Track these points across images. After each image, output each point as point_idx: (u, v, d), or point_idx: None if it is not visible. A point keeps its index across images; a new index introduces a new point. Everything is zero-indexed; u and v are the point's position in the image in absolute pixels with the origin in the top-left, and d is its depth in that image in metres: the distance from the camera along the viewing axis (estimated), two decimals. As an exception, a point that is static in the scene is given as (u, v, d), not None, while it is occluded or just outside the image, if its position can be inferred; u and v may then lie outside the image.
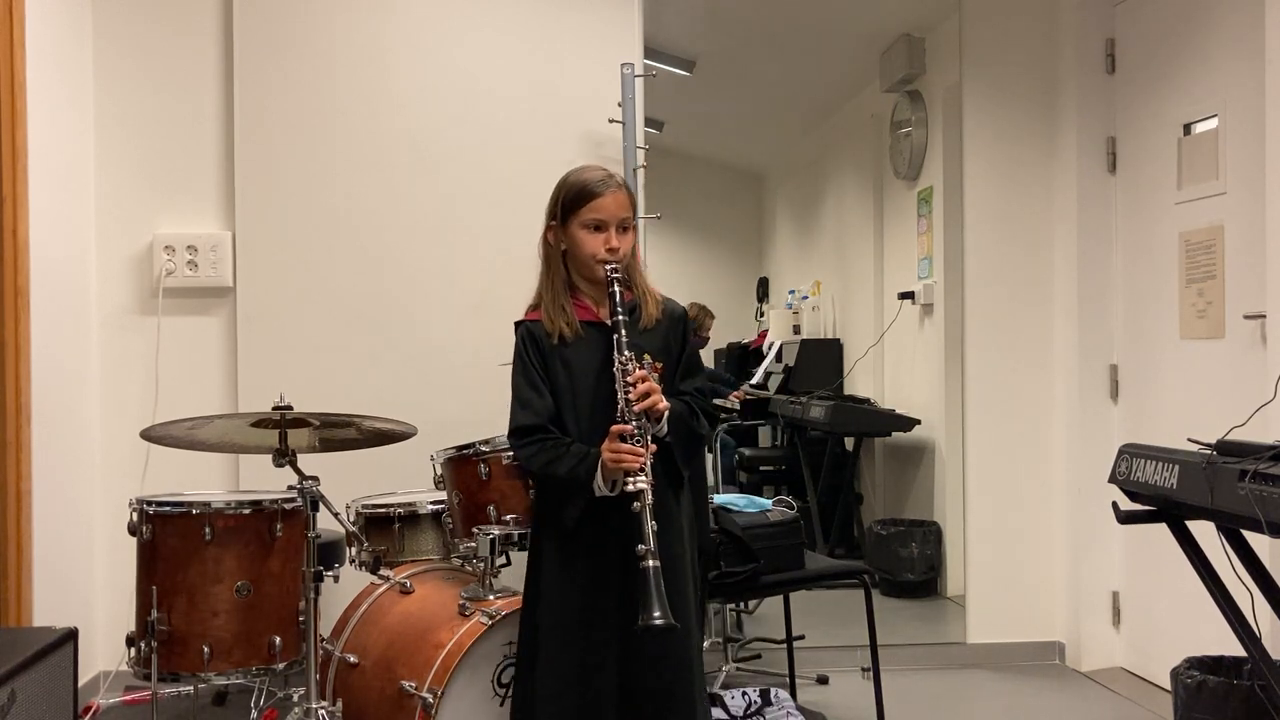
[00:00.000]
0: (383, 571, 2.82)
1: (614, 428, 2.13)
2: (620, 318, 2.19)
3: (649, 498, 2.06)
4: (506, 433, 2.32)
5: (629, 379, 2.14)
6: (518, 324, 2.35)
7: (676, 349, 2.34)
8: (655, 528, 2.04)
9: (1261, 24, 3.00)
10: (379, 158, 3.72)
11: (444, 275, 3.72)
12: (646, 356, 2.23)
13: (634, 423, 2.12)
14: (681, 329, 2.37)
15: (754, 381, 6.73)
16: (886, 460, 5.68)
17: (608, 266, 2.23)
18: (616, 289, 2.21)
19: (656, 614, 1.96)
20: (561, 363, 2.26)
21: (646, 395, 2.15)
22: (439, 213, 3.73)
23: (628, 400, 2.13)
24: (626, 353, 2.16)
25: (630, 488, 2.08)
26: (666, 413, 2.20)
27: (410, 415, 2.75)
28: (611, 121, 3.65)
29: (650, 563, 2.00)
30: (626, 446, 2.11)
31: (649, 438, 2.14)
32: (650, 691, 2.21)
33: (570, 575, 2.24)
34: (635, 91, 3.64)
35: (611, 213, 2.25)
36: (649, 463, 2.10)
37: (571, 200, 2.27)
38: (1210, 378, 3.36)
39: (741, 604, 4.14)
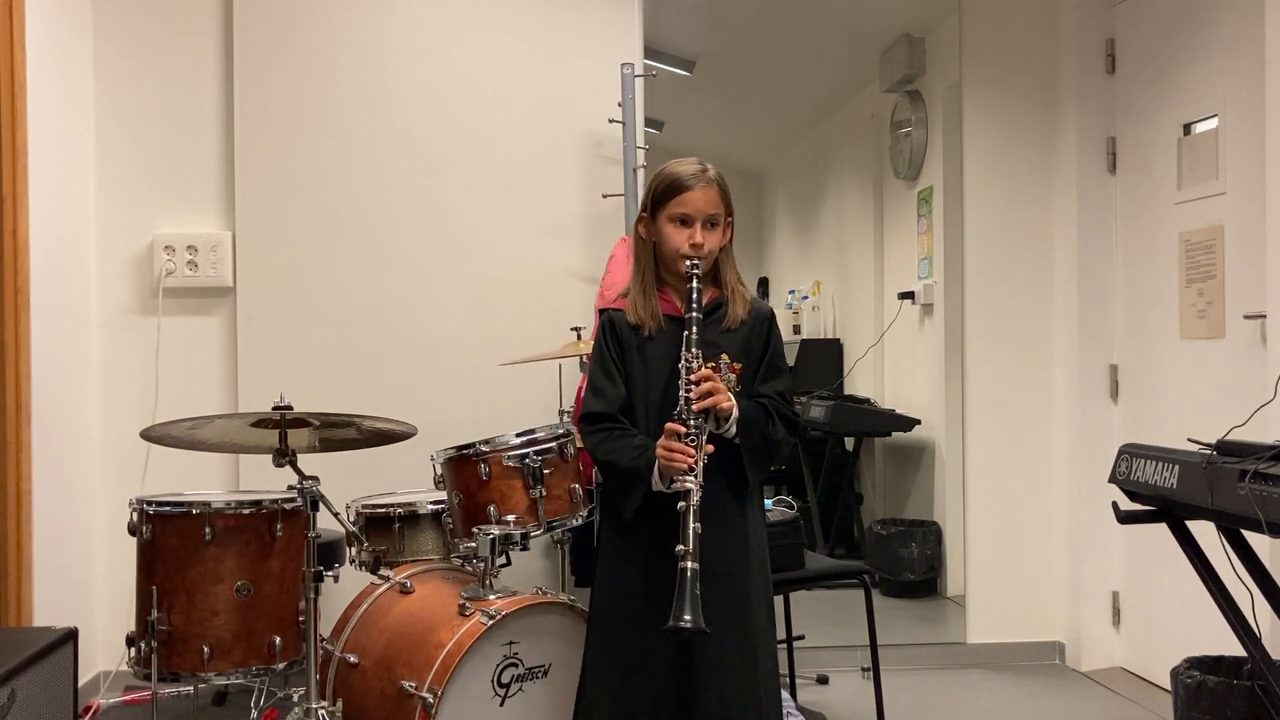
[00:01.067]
0: (383, 571, 2.81)
1: (669, 425, 2.11)
2: (694, 314, 2.17)
3: (694, 499, 2.03)
4: (579, 417, 2.32)
5: (691, 377, 2.12)
6: (601, 311, 2.35)
7: (758, 350, 2.30)
8: (699, 530, 2.01)
9: (1261, 24, 3.01)
10: (379, 158, 3.72)
11: (444, 275, 3.72)
12: (724, 357, 2.21)
13: (691, 421, 2.10)
14: (766, 330, 2.32)
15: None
16: (886, 460, 5.68)
17: (689, 262, 2.21)
18: (695, 285, 2.19)
19: (687, 617, 1.93)
20: (639, 354, 2.25)
21: (706, 394, 2.12)
22: (439, 212, 3.73)
23: (686, 398, 2.12)
24: (694, 350, 2.14)
25: (676, 486, 2.06)
26: (734, 414, 2.17)
27: (410, 415, 2.75)
28: (611, 121, 3.65)
29: (688, 564, 1.97)
30: (679, 445, 2.08)
31: (704, 438, 2.11)
32: (708, 702, 2.16)
33: (625, 569, 2.23)
34: (635, 91, 3.64)
35: (698, 208, 2.23)
36: (701, 463, 2.07)
37: (661, 193, 2.25)
38: (1210, 378, 3.36)
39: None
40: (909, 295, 5.23)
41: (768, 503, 3.16)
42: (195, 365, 3.67)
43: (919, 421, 5.11)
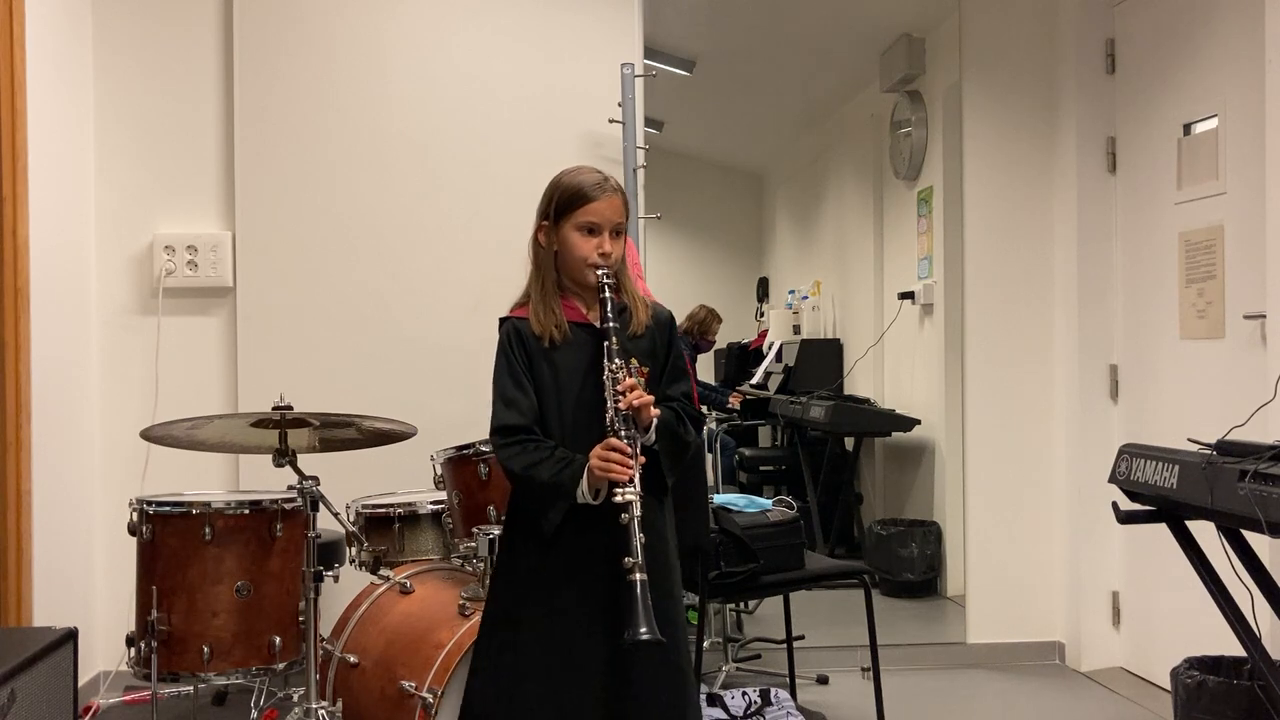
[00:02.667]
0: (383, 571, 2.82)
1: (609, 439, 2.08)
2: (612, 324, 2.15)
3: (638, 510, 2.01)
4: (490, 431, 2.24)
5: (619, 387, 2.10)
6: (502, 320, 2.30)
7: (663, 354, 2.30)
8: (643, 540, 1.99)
9: (1261, 24, 3.00)
10: (379, 158, 3.72)
11: (444, 275, 3.72)
12: (633, 361, 2.19)
13: (624, 432, 2.08)
14: (669, 334, 2.32)
15: (754, 381, 6.74)
16: (886, 460, 5.69)
17: (600, 271, 2.19)
18: (608, 295, 2.17)
19: (643, 629, 1.92)
20: (548, 363, 2.22)
21: (638, 401, 2.09)
22: (439, 212, 3.73)
23: (617, 409, 2.09)
24: (618, 360, 2.12)
25: (618, 499, 2.03)
26: (653, 422, 2.16)
27: (410, 415, 2.75)
28: (611, 121, 3.65)
29: (638, 576, 1.96)
30: (616, 456, 2.05)
31: (638, 448, 2.09)
32: (645, 701, 2.15)
33: (548, 583, 2.17)
34: (635, 91, 3.64)
35: (606, 217, 2.21)
36: (638, 474, 2.06)
37: (565, 202, 2.24)
38: (1210, 378, 3.36)
39: (741, 604, 4.14)
40: (909, 295, 5.24)
41: (768, 503, 3.17)
42: (195, 365, 3.67)
43: (919, 421, 5.12)
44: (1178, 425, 3.17)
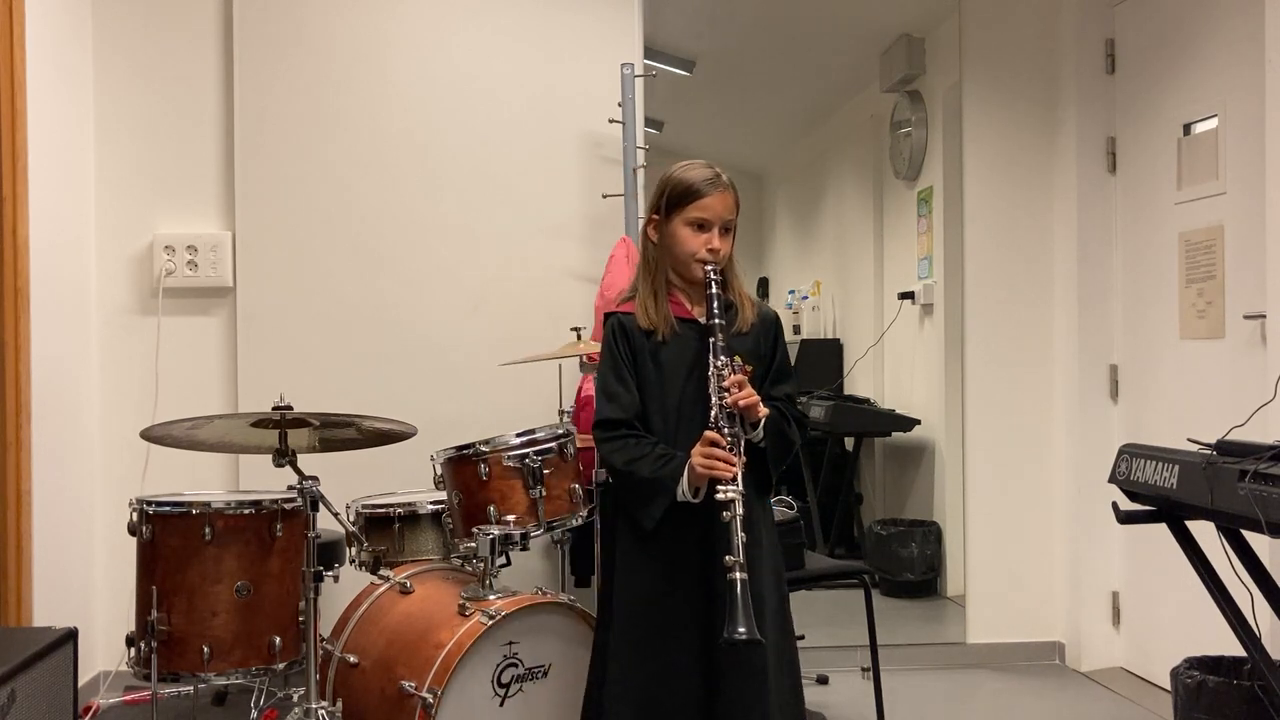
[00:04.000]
0: (383, 571, 2.82)
1: (708, 434, 2.08)
2: (718, 321, 2.14)
3: (739, 508, 2.00)
4: (593, 424, 2.26)
5: (724, 384, 2.10)
6: (607, 315, 2.30)
7: (768, 354, 2.29)
8: (745, 539, 1.98)
9: (1261, 24, 3.00)
10: (379, 158, 3.72)
11: (444, 275, 3.72)
12: (738, 359, 2.18)
13: (727, 430, 2.07)
14: (774, 334, 2.32)
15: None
16: (886, 460, 5.68)
17: (708, 267, 2.18)
18: (716, 291, 2.16)
19: (741, 629, 1.91)
20: (653, 359, 2.22)
21: (745, 399, 2.09)
22: (439, 212, 3.73)
23: (722, 406, 2.08)
24: (723, 358, 2.12)
25: (720, 497, 2.02)
26: (763, 419, 2.15)
27: (410, 415, 2.75)
28: (611, 121, 3.65)
29: (738, 575, 1.95)
30: (720, 453, 2.05)
31: (741, 446, 2.09)
32: (730, 702, 2.14)
33: (648, 580, 2.19)
34: (635, 91, 3.64)
35: (717, 213, 2.21)
36: (740, 472, 2.05)
37: (677, 196, 2.23)
38: (1210, 378, 3.36)
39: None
40: (909, 295, 5.24)
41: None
42: (195, 365, 3.67)
43: (919, 421, 5.12)
44: (1178, 425, 3.17)
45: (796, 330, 6.93)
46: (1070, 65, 3.93)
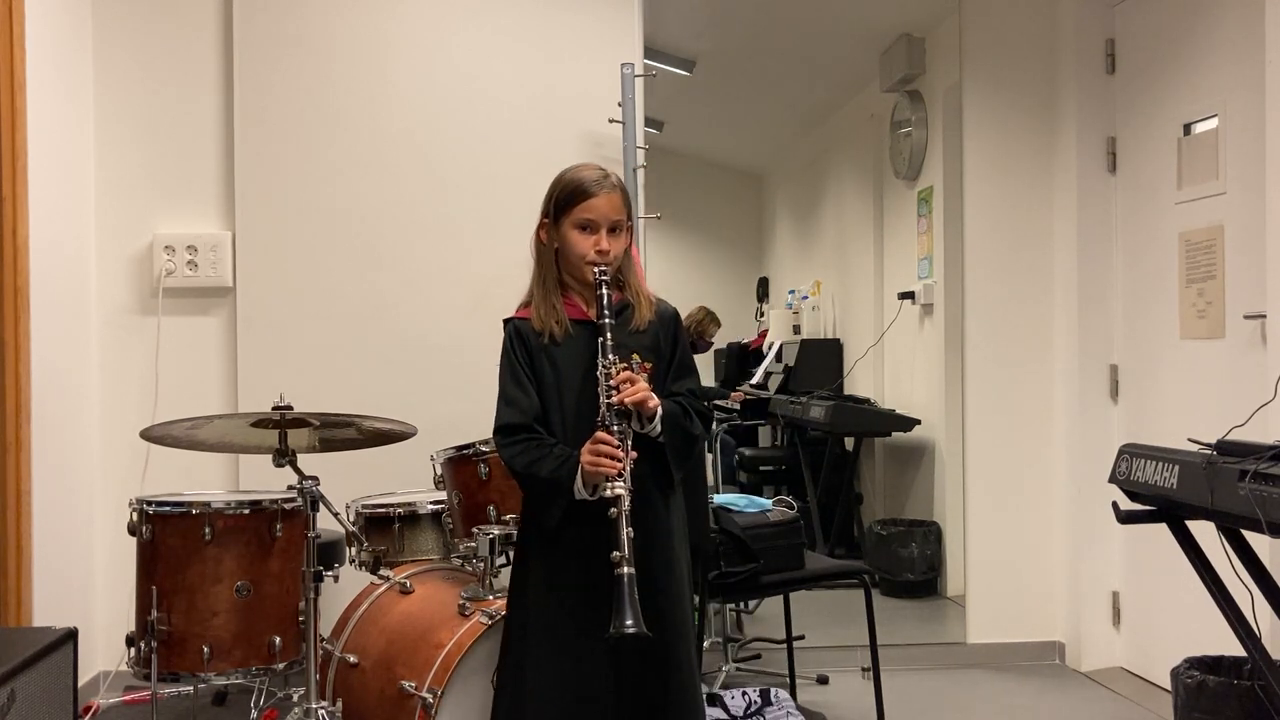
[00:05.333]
0: (383, 571, 2.82)
1: (596, 433, 2.10)
2: (607, 321, 2.16)
3: (626, 505, 2.02)
4: (493, 430, 2.27)
5: (611, 382, 2.11)
6: (506, 321, 2.32)
7: (668, 350, 2.31)
8: (632, 535, 2.00)
9: (1261, 24, 3.00)
10: (379, 158, 3.72)
11: (444, 275, 3.72)
12: (635, 356, 2.20)
13: (614, 426, 2.09)
14: (673, 330, 2.33)
15: (754, 381, 6.73)
16: (886, 460, 5.68)
17: (596, 269, 2.20)
18: (605, 292, 2.18)
19: (629, 622, 1.93)
20: (549, 361, 2.23)
21: (631, 395, 2.10)
22: (439, 212, 3.73)
23: (609, 404, 2.10)
24: (611, 356, 2.13)
25: (607, 493, 2.04)
26: (658, 413, 2.17)
27: (410, 415, 2.75)
28: (611, 121, 3.65)
29: (625, 570, 1.97)
30: (606, 450, 2.07)
31: (629, 443, 2.10)
32: (650, 697, 2.18)
33: (554, 579, 2.20)
34: (635, 91, 3.64)
35: (603, 214, 2.22)
36: (628, 468, 2.06)
37: (565, 199, 2.25)
38: (1210, 378, 3.36)
39: (741, 604, 4.14)
40: (909, 295, 5.24)
41: (768, 503, 3.17)
42: (195, 365, 3.67)
43: (919, 421, 5.11)
44: (1178, 425, 3.17)
45: (796, 330, 6.93)
46: (1070, 65, 3.93)
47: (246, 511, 2.70)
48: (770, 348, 6.87)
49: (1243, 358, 3.19)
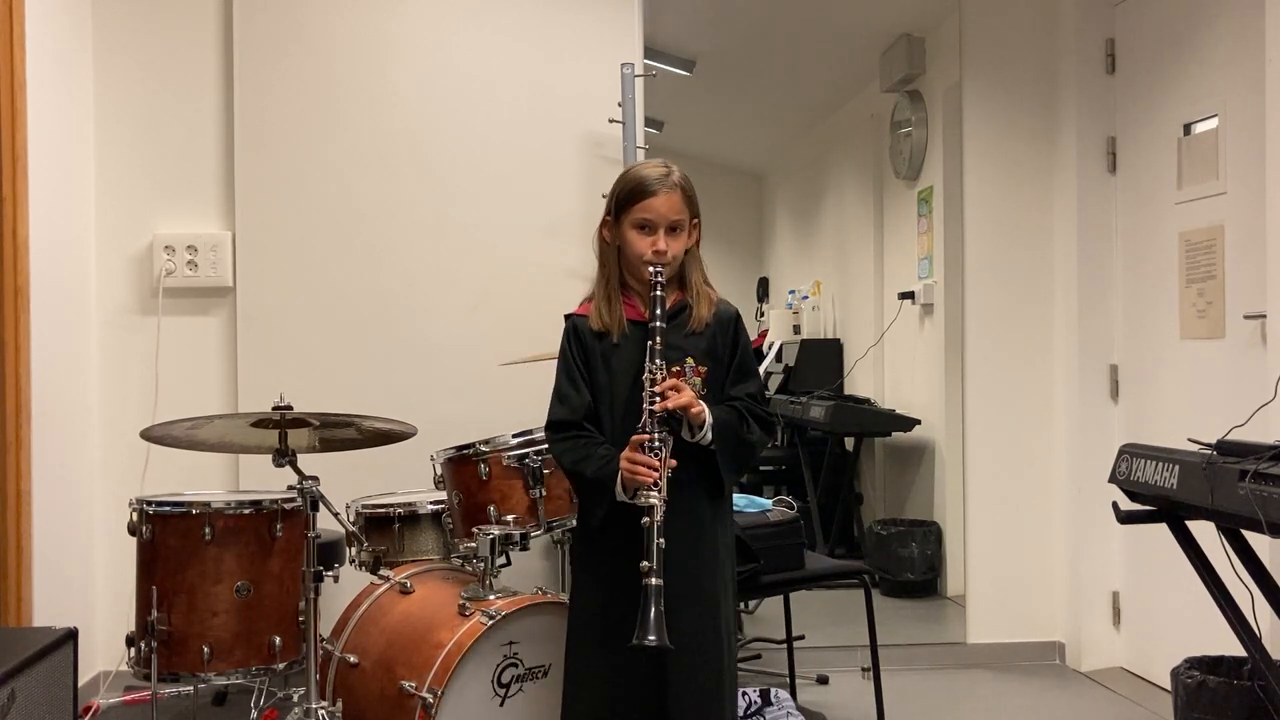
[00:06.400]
0: (383, 571, 2.82)
1: (634, 437, 2.08)
2: (658, 324, 2.12)
3: (659, 515, 2.00)
4: (544, 425, 2.28)
5: (655, 388, 2.09)
6: (567, 317, 2.31)
7: (726, 354, 2.26)
8: (663, 545, 1.99)
9: (1261, 24, 3.00)
10: (379, 158, 3.72)
11: (444, 275, 3.72)
12: (689, 361, 2.18)
13: (655, 434, 2.06)
14: (733, 332, 2.28)
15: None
16: (886, 460, 5.68)
17: (653, 269, 2.17)
18: (659, 294, 2.14)
19: (651, 636, 1.92)
20: (603, 360, 2.22)
21: (672, 402, 2.08)
22: (439, 212, 3.73)
23: (651, 411, 2.08)
24: (658, 361, 2.10)
25: (641, 501, 2.03)
26: (708, 421, 2.14)
27: (410, 415, 2.75)
28: (611, 121, 3.65)
29: (652, 581, 1.96)
30: (642, 458, 2.05)
31: (668, 451, 2.08)
32: (683, 703, 2.17)
33: (596, 579, 2.22)
34: (635, 91, 3.64)
35: (661, 214, 2.19)
36: (664, 477, 2.04)
37: (625, 197, 2.22)
38: (1210, 378, 3.36)
39: (741, 604, 4.14)
40: (909, 295, 5.24)
41: (768, 503, 3.17)
42: (195, 365, 3.67)
43: (919, 421, 5.12)
44: (1178, 425, 3.17)
45: (796, 330, 6.93)
46: (1070, 65, 3.93)
47: (247, 511, 2.70)
48: (770, 348, 6.87)
49: (1243, 358, 3.19)
